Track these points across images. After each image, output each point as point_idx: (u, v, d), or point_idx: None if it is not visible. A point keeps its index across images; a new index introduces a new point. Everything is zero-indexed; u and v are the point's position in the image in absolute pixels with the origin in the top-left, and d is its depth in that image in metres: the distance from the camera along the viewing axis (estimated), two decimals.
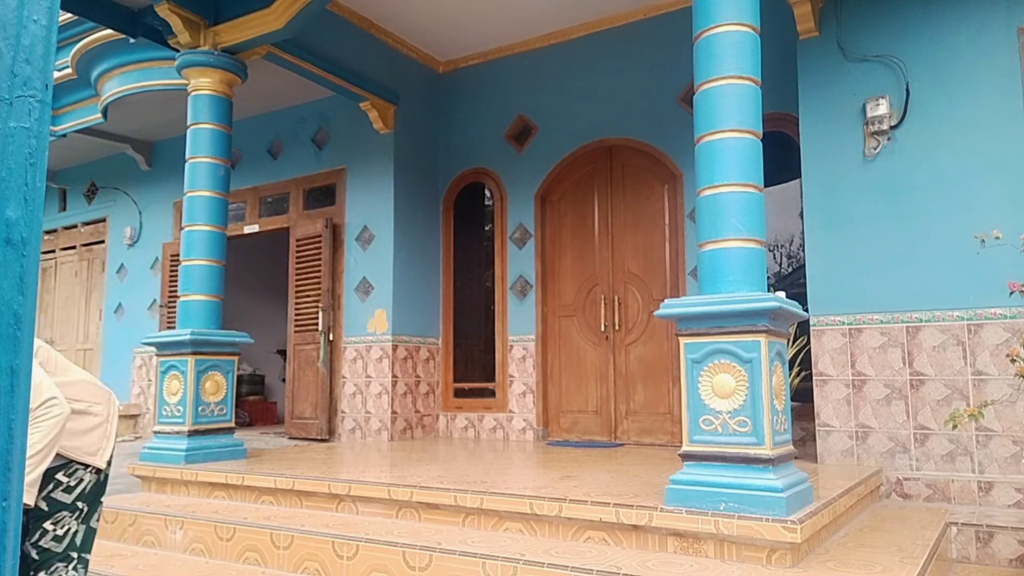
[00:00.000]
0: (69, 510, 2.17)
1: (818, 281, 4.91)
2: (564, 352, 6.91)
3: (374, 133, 7.19)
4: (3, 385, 0.93)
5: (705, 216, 3.35)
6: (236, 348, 5.53)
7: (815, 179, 4.98)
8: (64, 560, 2.14)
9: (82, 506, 2.20)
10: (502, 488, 3.74)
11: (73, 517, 2.17)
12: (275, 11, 5.41)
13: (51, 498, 2.16)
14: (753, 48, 3.40)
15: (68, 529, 2.16)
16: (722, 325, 3.16)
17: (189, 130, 5.59)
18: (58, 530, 2.14)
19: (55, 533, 2.14)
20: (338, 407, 7.26)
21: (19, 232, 0.95)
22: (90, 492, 2.22)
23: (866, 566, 2.90)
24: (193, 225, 5.50)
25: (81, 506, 2.19)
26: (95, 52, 7.47)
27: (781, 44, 5.45)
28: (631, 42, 6.70)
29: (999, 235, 3.76)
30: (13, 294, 0.94)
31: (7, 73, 0.95)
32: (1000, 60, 4.50)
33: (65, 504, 2.17)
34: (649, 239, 6.56)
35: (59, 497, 2.16)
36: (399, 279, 7.08)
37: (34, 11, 0.98)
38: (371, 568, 3.43)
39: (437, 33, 7.12)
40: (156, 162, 9.36)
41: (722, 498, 3.05)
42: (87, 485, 2.21)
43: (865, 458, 4.66)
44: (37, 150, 0.98)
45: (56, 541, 2.14)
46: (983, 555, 3.85)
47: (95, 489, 2.24)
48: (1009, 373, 4.15)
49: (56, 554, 2.14)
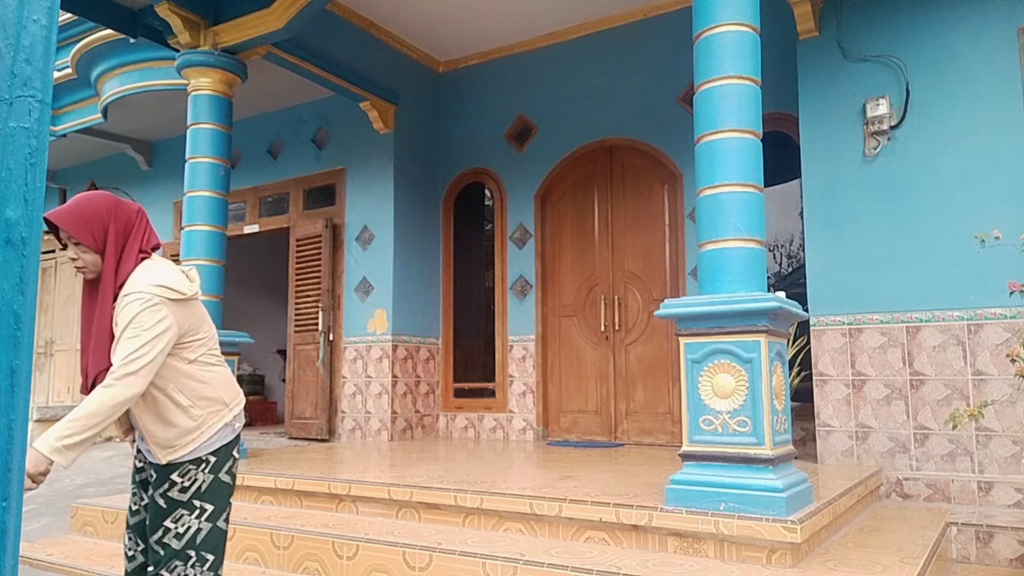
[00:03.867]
0: (187, 508, 2.20)
1: (818, 281, 4.91)
2: (564, 352, 6.90)
3: (374, 133, 7.19)
4: (3, 385, 0.93)
5: (705, 216, 3.35)
6: (236, 348, 5.53)
7: (815, 179, 4.98)
8: (182, 559, 2.18)
9: (200, 505, 2.22)
10: (502, 488, 3.74)
11: (192, 516, 2.20)
12: (275, 11, 5.41)
13: (168, 497, 2.21)
14: (753, 48, 3.40)
15: (188, 527, 2.19)
16: (722, 325, 3.16)
17: (189, 130, 5.59)
18: (179, 528, 2.19)
19: (176, 531, 2.18)
20: (338, 407, 7.26)
21: (19, 232, 0.95)
22: (208, 492, 2.23)
23: (866, 566, 2.90)
24: (193, 225, 5.50)
25: (199, 505, 2.22)
26: (95, 52, 7.47)
27: (781, 44, 5.45)
28: (631, 42, 6.70)
29: (999, 235, 3.75)
30: (13, 294, 0.94)
31: (7, 73, 0.95)
32: (1000, 60, 4.50)
33: (181, 502, 2.20)
34: (649, 239, 6.56)
35: (176, 496, 2.20)
36: (399, 279, 7.08)
37: (34, 11, 0.98)
38: (371, 568, 3.43)
39: (437, 33, 7.12)
40: (156, 162, 9.36)
41: (722, 498, 3.05)
42: (202, 484, 2.23)
43: (865, 458, 4.66)
44: (37, 150, 0.98)
45: (176, 539, 2.18)
46: (983, 555, 3.85)
47: (213, 489, 2.25)
48: (1009, 373, 4.15)
49: (176, 551, 2.18)
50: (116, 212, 2.19)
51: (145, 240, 2.25)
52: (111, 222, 2.17)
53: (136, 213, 2.26)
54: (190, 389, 2.23)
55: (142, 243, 2.23)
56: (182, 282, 2.21)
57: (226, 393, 2.32)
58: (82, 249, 2.16)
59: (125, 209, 2.23)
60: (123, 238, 2.19)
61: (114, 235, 2.17)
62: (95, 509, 4.65)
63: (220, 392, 2.30)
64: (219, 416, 2.28)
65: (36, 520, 5.08)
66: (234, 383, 2.38)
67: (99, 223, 2.15)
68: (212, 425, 2.25)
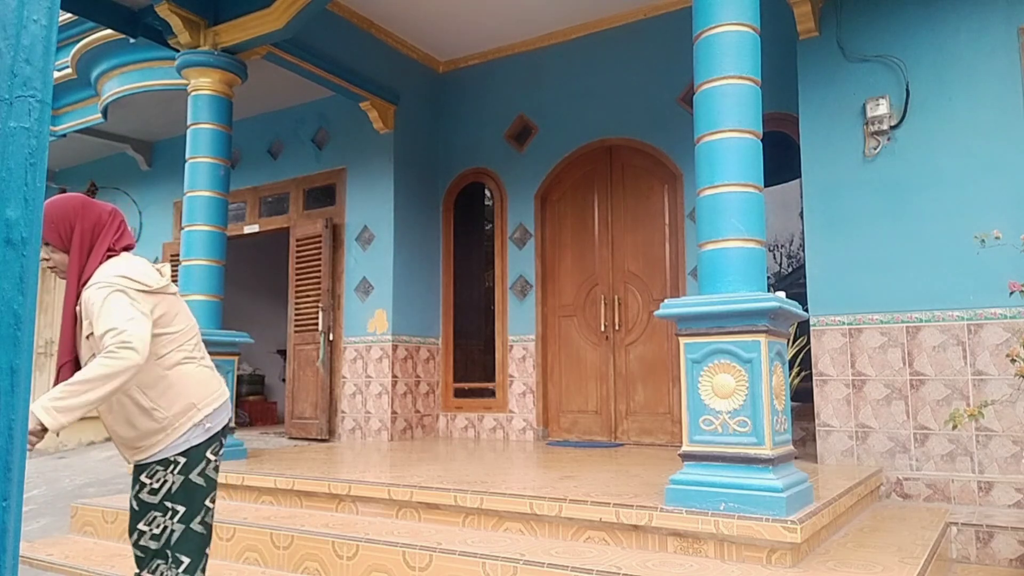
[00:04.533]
0: (158, 510, 2.21)
1: (818, 281, 4.91)
2: (564, 352, 6.91)
3: (374, 133, 7.19)
4: (3, 385, 0.93)
5: (705, 216, 3.35)
6: (236, 348, 5.53)
7: (815, 179, 4.98)
8: (162, 558, 2.20)
9: (171, 507, 2.21)
10: (502, 488, 3.74)
11: (165, 517, 2.21)
12: (275, 11, 5.41)
13: (140, 499, 2.23)
14: (753, 48, 3.40)
15: (164, 528, 2.21)
16: (722, 325, 3.16)
17: (189, 130, 5.59)
18: (154, 529, 2.21)
19: (151, 532, 2.21)
20: (338, 407, 7.26)
21: (19, 232, 0.95)
22: (178, 493, 2.22)
23: (866, 566, 2.90)
24: (193, 225, 5.50)
25: (170, 507, 2.21)
26: (95, 52, 7.47)
27: (781, 44, 5.45)
28: (631, 42, 6.70)
29: (999, 235, 3.75)
30: (13, 294, 0.94)
31: (7, 73, 0.95)
32: (1000, 60, 4.50)
33: (153, 504, 2.21)
34: (649, 239, 6.56)
35: (146, 499, 2.22)
36: (399, 279, 7.08)
37: (34, 11, 0.98)
38: (371, 568, 3.43)
39: (437, 33, 7.12)
40: (156, 162, 9.36)
41: (722, 498, 3.05)
42: (172, 486, 2.21)
43: (865, 458, 4.66)
44: (37, 150, 0.98)
45: (154, 540, 2.20)
46: (983, 555, 3.85)
47: (185, 491, 2.23)
48: (1009, 373, 4.15)
49: (155, 552, 2.20)
50: (83, 212, 2.24)
51: (116, 240, 2.27)
52: (77, 221, 2.21)
53: (108, 214, 2.29)
54: (154, 389, 2.19)
55: (111, 243, 2.25)
56: (149, 274, 2.21)
57: (196, 394, 2.26)
58: (51, 249, 2.20)
59: (95, 209, 2.27)
60: (90, 237, 2.23)
61: (80, 233, 2.20)
62: (95, 509, 4.65)
63: (188, 392, 2.25)
64: (187, 417, 2.23)
65: (36, 520, 5.08)
66: (210, 382, 2.33)
67: (65, 222, 2.20)
68: (179, 427, 2.21)
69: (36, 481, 6.17)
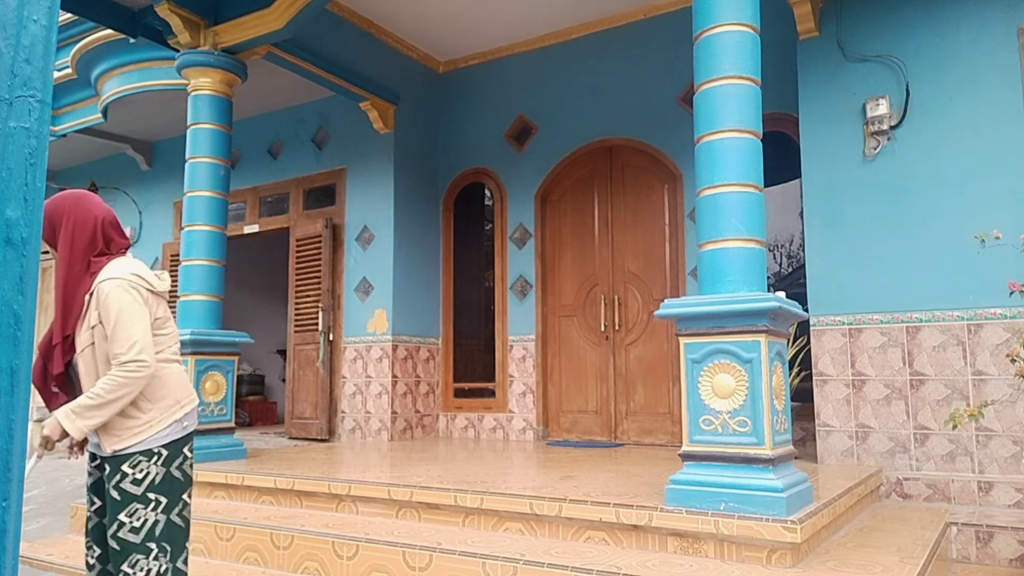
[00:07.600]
0: (141, 502, 2.25)
1: (818, 281, 4.91)
2: (564, 352, 6.90)
3: (374, 133, 7.19)
4: (3, 385, 0.93)
5: (705, 216, 3.35)
6: (236, 348, 5.53)
7: (815, 179, 4.98)
8: (143, 552, 2.23)
9: (154, 497, 2.26)
10: (502, 488, 3.74)
11: (148, 509, 2.25)
12: (275, 11, 5.41)
13: (121, 489, 2.25)
14: (753, 48, 3.40)
15: (145, 520, 2.24)
16: (722, 325, 3.16)
17: (189, 130, 5.59)
18: (134, 522, 2.23)
19: (131, 524, 2.23)
20: (338, 407, 7.26)
21: (19, 232, 0.95)
22: (161, 485, 2.28)
23: (866, 566, 2.90)
24: (193, 225, 5.50)
25: (153, 497, 2.26)
26: (95, 52, 7.46)
27: (781, 44, 5.45)
28: (631, 42, 6.70)
29: (999, 235, 3.75)
30: (13, 294, 0.94)
31: (7, 73, 0.95)
32: (1000, 60, 4.50)
33: (136, 496, 2.25)
34: (649, 239, 6.56)
35: (129, 489, 2.25)
36: (399, 279, 7.08)
37: (34, 11, 0.98)
38: (371, 568, 3.43)
39: (437, 33, 7.12)
40: (156, 162, 9.36)
41: (722, 498, 3.05)
42: (156, 477, 2.28)
43: (865, 458, 4.66)
44: (37, 150, 0.98)
45: (133, 532, 2.22)
46: (983, 555, 3.85)
47: (166, 482, 2.30)
48: (1009, 373, 4.15)
49: (135, 545, 2.22)
50: (75, 206, 2.36)
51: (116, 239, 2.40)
52: (65, 215, 2.33)
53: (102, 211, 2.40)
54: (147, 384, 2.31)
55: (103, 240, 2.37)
56: (154, 279, 2.38)
57: (179, 391, 2.40)
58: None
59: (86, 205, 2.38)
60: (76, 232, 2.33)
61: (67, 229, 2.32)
62: None
63: (173, 389, 2.38)
64: (170, 412, 2.35)
65: (36, 520, 5.08)
66: (188, 383, 2.48)
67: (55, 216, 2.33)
68: (162, 420, 2.33)
69: (36, 481, 6.17)
